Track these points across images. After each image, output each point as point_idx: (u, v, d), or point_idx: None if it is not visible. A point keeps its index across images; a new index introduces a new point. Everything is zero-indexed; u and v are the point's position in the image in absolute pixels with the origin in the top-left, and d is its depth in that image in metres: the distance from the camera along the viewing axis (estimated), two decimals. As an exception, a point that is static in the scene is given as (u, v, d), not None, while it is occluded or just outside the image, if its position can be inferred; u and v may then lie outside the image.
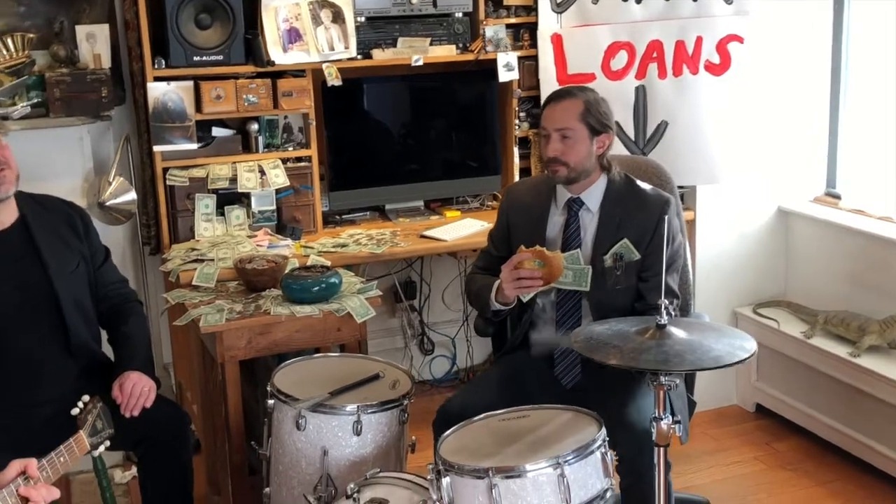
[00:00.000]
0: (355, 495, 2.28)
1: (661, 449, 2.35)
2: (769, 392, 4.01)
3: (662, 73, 3.81)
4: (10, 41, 3.51)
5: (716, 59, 3.77)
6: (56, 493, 2.06)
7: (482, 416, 2.48)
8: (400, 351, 4.33)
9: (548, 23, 3.84)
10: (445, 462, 2.23)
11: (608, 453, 2.33)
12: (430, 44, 3.77)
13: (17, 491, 1.99)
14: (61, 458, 2.16)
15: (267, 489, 2.67)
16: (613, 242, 2.77)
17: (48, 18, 3.55)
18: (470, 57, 3.83)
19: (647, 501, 2.44)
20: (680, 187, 3.82)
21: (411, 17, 3.76)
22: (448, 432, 2.41)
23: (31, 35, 3.54)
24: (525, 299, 2.76)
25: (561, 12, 3.84)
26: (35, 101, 3.43)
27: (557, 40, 3.85)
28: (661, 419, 2.32)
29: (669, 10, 3.79)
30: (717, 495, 3.33)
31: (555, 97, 2.83)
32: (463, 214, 3.92)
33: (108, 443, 2.39)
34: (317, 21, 3.57)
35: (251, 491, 3.00)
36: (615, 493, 2.50)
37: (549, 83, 3.82)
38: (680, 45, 3.78)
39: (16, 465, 2.03)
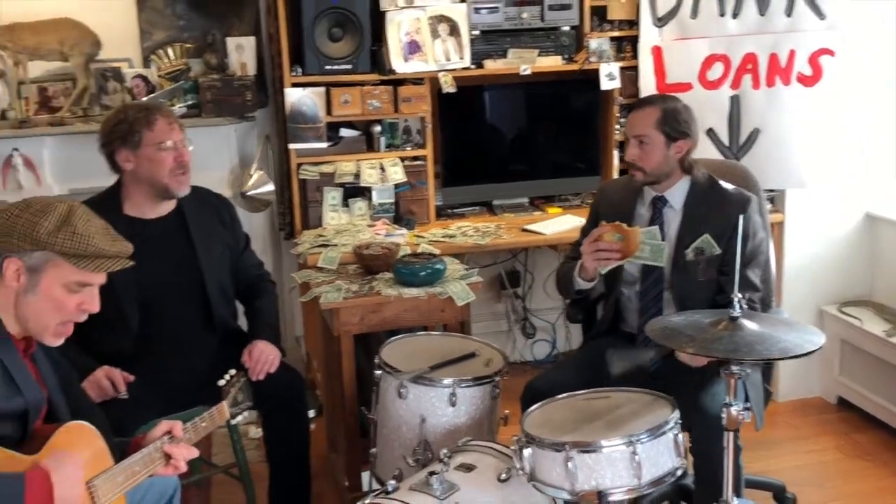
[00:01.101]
0: (447, 459, 2.27)
1: (731, 433, 2.26)
2: (851, 386, 3.81)
3: (756, 84, 3.67)
4: (171, 51, 3.67)
5: (808, 72, 3.61)
6: (195, 453, 2.12)
7: (565, 395, 2.43)
8: (504, 334, 4.31)
9: (649, 36, 3.75)
10: (528, 435, 2.20)
11: (680, 435, 2.25)
12: (538, 55, 3.72)
13: (162, 448, 2.06)
14: (203, 423, 2.21)
15: (373, 449, 2.70)
16: (695, 238, 2.68)
17: (203, 31, 3.68)
18: (575, 67, 3.77)
19: (718, 482, 2.35)
20: (770, 190, 3.70)
21: (521, 31, 3.72)
22: (533, 408, 2.38)
23: (189, 45, 3.69)
24: (603, 272, 2.69)
25: (661, 26, 3.73)
26: (190, 102, 3.56)
27: (657, 52, 3.75)
28: (732, 405, 2.24)
29: (764, 25, 3.64)
30: (794, 480, 3.18)
31: (637, 105, 2.77)
32: (564, 211, 3.86)
33: (246, 414, 2.42)
34: (435, 34, 3.57)
35: (362, 450, 3.04)
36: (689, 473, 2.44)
37: (648, 92, 3.72)
38: (773, 58, 3.63)
39: (164, 426, 2.08)
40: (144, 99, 3.51)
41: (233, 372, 2.38)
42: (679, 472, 2.23)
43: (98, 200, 2.78)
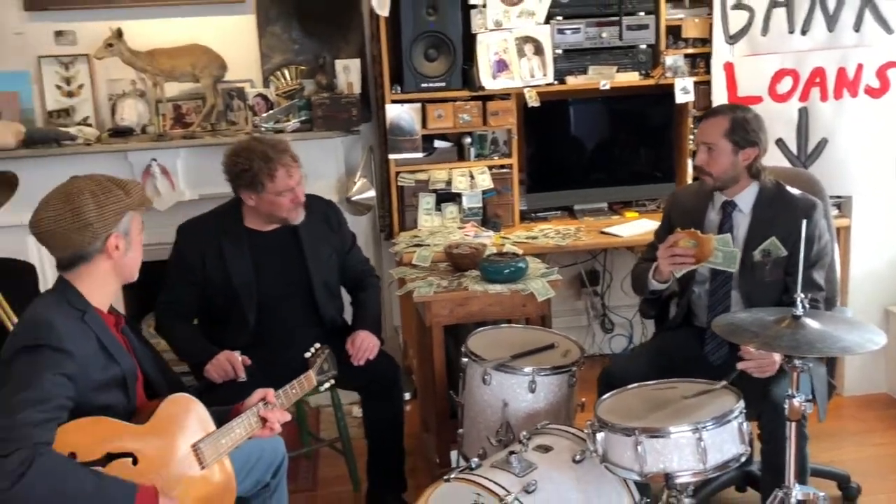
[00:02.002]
0: (526, 441, 2.27)
1: (794, 423, 2.20)
2: (917, 383, 3.65)
3: (824, 97, 3.54)
4: (287, 72, 3.75)
5: (875, 84, 3.47)
6: (287, 417, 2.19)
7: (637, 384, 2.41)
8: (584, 329, 4.26)
9: (721, 53, 3.65)
10: (601, 420, 2.19)
11: (745, 423, 2.20)
12: (617, 71, 3.67)
13: (258, 412, 2.14)
14: (293, 390, 2.29)
15: (461, 430, 2.71)
16: (763, 240, 2.61)
17: (315, 55, 3.75)
18: (651, 82, 3.71)
19: (782, 468, 2.29)
20: (837, 196, 3.57)
21: (601, 49, 3.67)
22: (606, 395, 2.37)
23: (303, 67, 3.76)
24: (677, 275, 2.64)
25: (733, 43, 3.64)
26: (303, 118, 3.62)
27: (729, 68, 3.66)
28: (794, 397, 2.17)
29: (833, 41, 3.51)
30: (859, 471, 3.06)
31: (708, 114, 2.71)
32: (641, 215, 3.79)
33: (332, 381, 2.49)
34: (521, 53, 3.57)
35: (451, 431, 3.07)
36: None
37: (719, 104, 3.64)
38: (841, 72, 3.50)
39: (259, 393, 2.16)
40: (265, 115, 3.61)
41: (317, 345, 2.45)
42: (743, 459, 2.18)
43: (222, 212, 2.88)
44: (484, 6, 3.50)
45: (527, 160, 3.79)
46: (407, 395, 3.72)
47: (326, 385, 2.47)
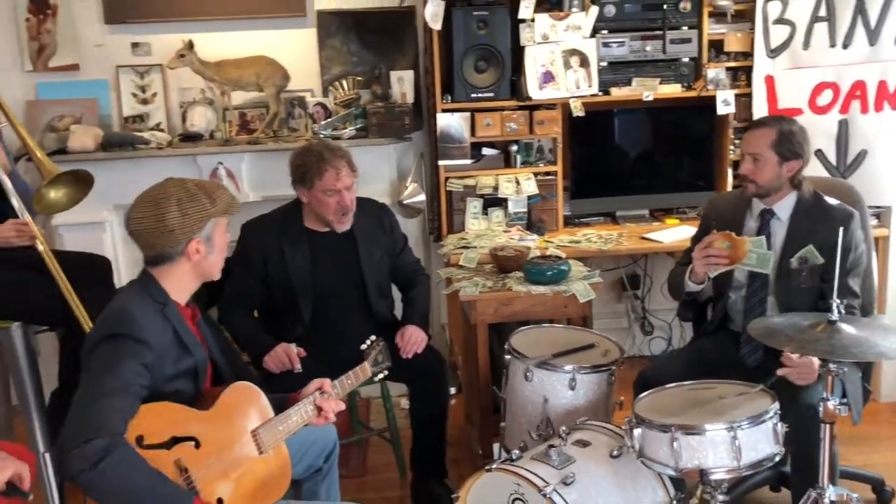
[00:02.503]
0: (565, 435, 2.27)
1: (827, 425, 2.16)
2: (954, 391, 3.54)
3: (864, 109, 3.47)
4: (345, 82, 3.79)
5: (917, 96, 3.38)
6: (342, 406, 2.21)
7: (674, 384, 2.39)
8: (624, 330, 4.23)
9: (762, 66, 3.59)
10: (638, 417, 2.18)
11: (779, 424, 2.16)
12: (660, 83, 3.64)
13: (314, 401, 2.17)
14: (348, 380, 2.31)
15: (503, 424, 2.72)
16: (800, 248, 2.56)
17: (372, 66, 3.79)
18: (693, 94, 3.66)
19: (814, 470, 2.24)
20: (877, 207, 3.48)
21: (644, 62, 3.65)
22: (644, 394, 2.35)
23: (360, 78, 3.79)
24: (712, 275, 2.60)
25: (774, 57, 3.58)
26: (359, 126, 3.66)
27: (770, 81, 3.60)
28: (829, 400, 2.13)
29: (874, 54, 3.44)
30: (893, 475, 2.99)
31: (755, 125, 2.66)
32: (681, 222, 3.74)
33: (386, 372, 2.50)
34: (567, 65, 3.56)
35: (494, 424, 3.07)
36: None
37: (761, 116, 3.59)
38: (882, 84, 3.42)
39: (315, 383, 2.19)
40: (323, 122, 3.66)
41: (373, 337, 2.47)
42: (777, 458, 2.15)
43: (283, 212, 2.93)
44: (532, 21, 3.51)
45: (571, 167, 3.78)
46: (452, 390, 3.73)
47: (380, 376, 2.48)
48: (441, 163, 3.60)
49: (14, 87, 3.62)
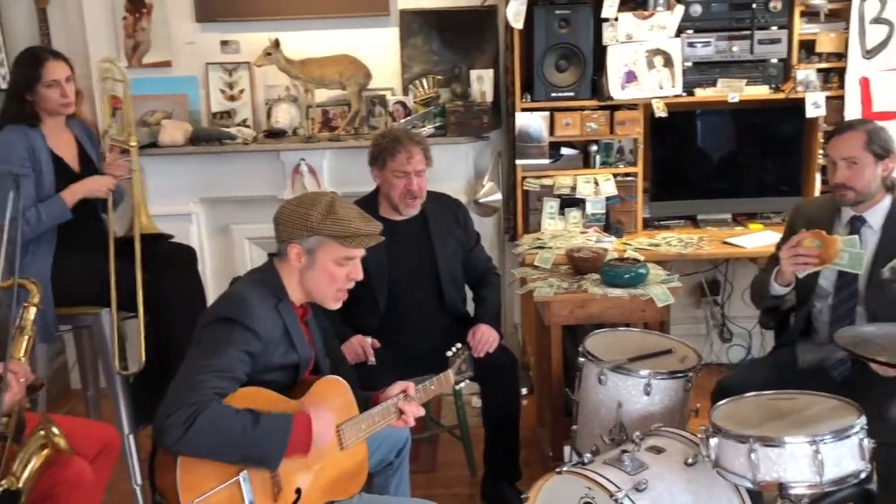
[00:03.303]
0: (639, 441, 2.22)
1: (920, 444, 2.05)
2: None
3: (967, 111, 3.29)
4: (425, 81, 3.81)
5: None
6: (422, 412, 2.20)
7: (753, 393, 2.30)
8: (702, 337, 4.12)
9: (857, 68, 3.45)
10: (715, 426, 2.11)
11: (866, 440, 2.06)
12: (746, 84, 3.53)
13: (397, 404, 2.16)
14: (432, 387, 2.30)
15: (575, 426, 2.69)
16: (892, 257, 2.44)
17: (452, 65, 3.79)
18: (781, 96, 3.54)
19: (902, 489, 2.14)
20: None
21: (731, 63, 3.54)
22: (722, 402, 2.27)
23: (439, 77, 3.80)
24: (800, 276, 2.50)
25: (870, 58, 3.43)
26: (437, 124, 3.67)
27: (865, 83, 3.45)
28: (920, 416, 2.03)
29: (980, 54, 3.26)
30: None
31: (839, 130, 2.54)
32: (765, 227, 3.63)
33: (468, 381, 2.47)
34: (650, 65, 3.49)
35: (565, 426, 3.04)
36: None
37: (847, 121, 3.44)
38: None
39: (400, 385, 2.19)
40: (402, 121, 3.69)
41: (459, 346, 2.45)
42: (862, 475, 2.05)
43: (361, 202, 2.97)
44: (616, 20, 3.45)
45: (652, 169, 3.70)
46: (524, 391, 3.71)
47: (462, 385, 2.45)
48: (519, 162, 3.58)
49: (110, 82, 3.76)
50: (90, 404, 3.38)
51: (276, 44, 3.60)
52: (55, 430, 2.03)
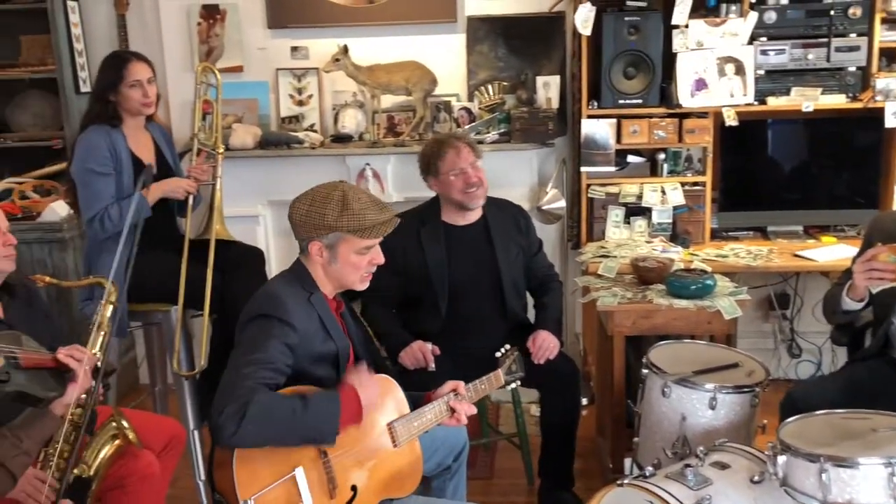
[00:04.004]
0: (703, 456, 2.17)
1: None
2: None
3: None
4: (490, 87, 3.81)
5: None
6: (473, 410, 2.21)
7: (824, 411, 2.23)
8: (769, 351, 4.00)
9: (944, 75, 3.33)
10: (784, 443, 2.04)
11: (947, 465, 1.97)
12: (822, 93, 3.43)
13: (448, 402, 2.18)
14: (482, 386, 2.31)
15: (636, 439, 2.64)
16: (978, 272, 2.33)
17: (518, 71, 3.78)
18: (858, 105, 3.43)
19: None
20: None
21: (806, 71, 3.45)
22: (791, 419, 2.20)
23: (505, 83, 3.80)
24: (874, 291, 2.40)
25: (957, 66, 3.30)
26: (502, 130, 3.67)
27: (949, 92, 3.31)
28: None
29: None
30: None
31: None
32: (838, 241, 3.51)
33: (518, 383, 2.48)
34: (721, 73, 3.42)
35: (626, 438, 2.99)
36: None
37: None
38: None
39: (450, 384, 2.21)
40: (467, 127, 3.70)
41: (507, 346, 2.46)
42: (942, 502, 1.96)
43: (423, 208, 3.00)
44: (686, 27, 3.39)
45: (721, 178, 3.62)
46: (584, 401, 3.66)
47: (512, 385, 2.47)
48: (584, 169, 3.54)
49: (185, 87, 3.86)
50: (157, 399, 3.47)
51: (345, 50, 3.64)
52: (125, 423, 2.10)
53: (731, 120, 3.43)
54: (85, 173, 2.84)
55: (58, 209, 3.61)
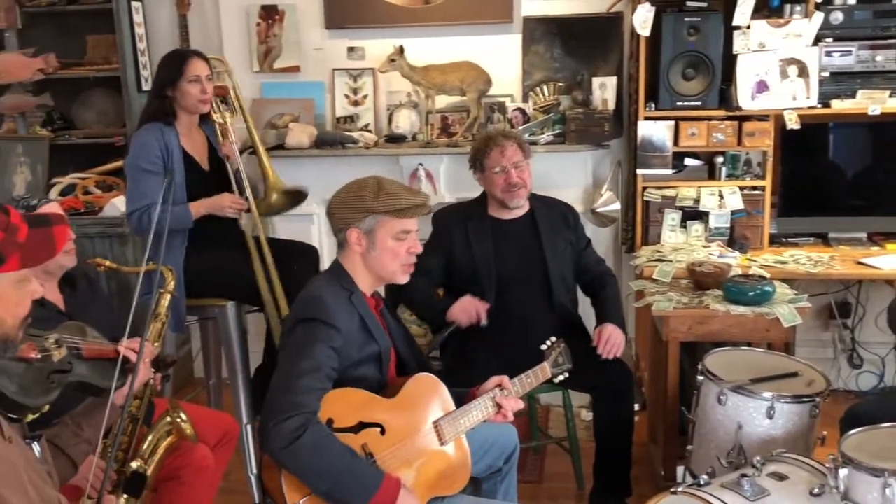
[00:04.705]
0: (760, 466, 2.13)
1: None
2: None
3: None
4: (545, 88, 3.79)
5: None
6: (521, 405, 2.20)
7: (889, 424, 2.16)
8: (829, 361, 3.89)
9: None
10: (846, 456, 1.99)
11: None
12: (890, 96, 3.32)
13: (494, 398, 2.17)
14: (528, 379, 2.30)
15: (690, 446, 2.60)
16: None
17: (574, 72, 3.75)
18: (929, 108, 3.32)
19: None
20: None
21: (873, 73, 3.34)
22: (854, 431, 2.14)
23: (561, 84, 3.77)
24: None
25: None
26: (556, 131, 3.64)
27: None
28: None
29: None
30: None
31: None
32: (904, 249, 3.42)
33: (566, 374, 2.44)
34: (784, 75, 3.33)
35: (679, 446, 2.94)
36: None
37: None
38: None
39: (495, 380, 2.19)
40: (521, 127, 3.68)
41: (553, 339, 2.43)
42: None
43: (470, 203, 3.04)
44: (748, 27, 3.32)
45: (781, 183, 3.53)
46: (636, 407, 3.61)
47: (560, 378, 2.43)
48: (640, 171, 3.49)
49: (244, 86, 3.92)
50: (211, 393, 3.53)
51: (401, 50, 3.66)
52: (182, 415, 2.14)
53: (792, 123, 3.35)
54: (135, 169, 2.91)
55: (119, 204, 3.70)
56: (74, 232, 2.27)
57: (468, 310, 2.81)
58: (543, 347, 2.40)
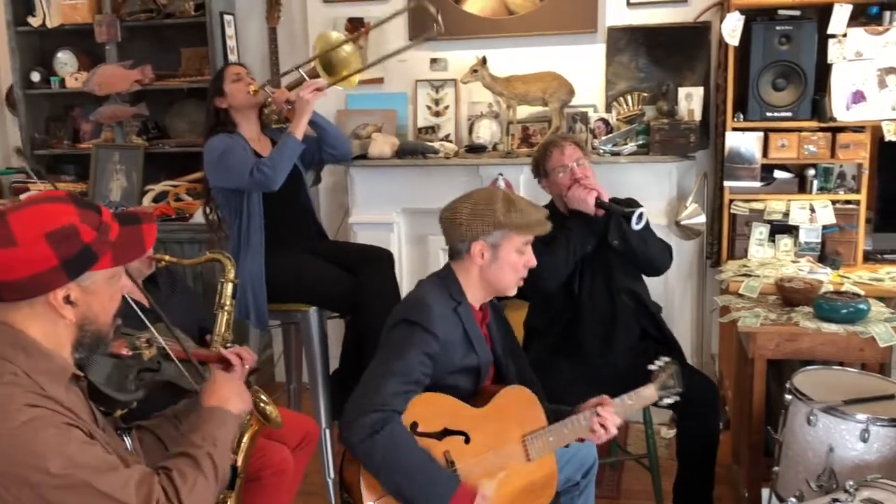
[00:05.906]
0: (853, 491, 2.03)
1: None
2: None
3: None
4: (629, 98, 3.74)
5: None
6: (619, 423, 2.14)
7: None
8: (927, 385, 3.71)
9: None
10: (946, 484, 1.89)
11: None
12: None
13: (590, 418, 2.12)
14: (629, 401, 2.24)
15: (776, 468, 2.49)
16: None
17: (659, 82, 3.70)
18: None
19: None
20: None
21: (980, 82, 3.19)
22: (955, 459, 2.04)
23: (645, 94, 3.72)
24: None
25: None
26: (640, 142, 3.59)
27: None
28: None
29: None
30: None
31: None
32: None
33: (674, 398, 2.33)
34: (882, 85, 3.21)
35: (764, 467, 2.84)
36: None
37: None
38: None
39: (595, 399, 2.16)
40: (603, 138, 3.64)
41: (666, 359, 2.33)
42: None
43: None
44: (844, 36, 3.21)
45: (877, 197, 3.39)
46: (719, 425, 3.51)
47: (668, 401, 2.33)
48: (727, 184, 3.41)
49: (329, 98, 3.99)
50: (291, 397, 3.60)
51: (483, 61, 3.68)
52: (263, 396, 2.09)
53: (891, 135, 3.21)
54: (218, 159, 2.97)
55: (208, 211, 3.83)
56: (165, 237, 2.34)
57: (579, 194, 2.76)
58: (652, 368, 2.31)
